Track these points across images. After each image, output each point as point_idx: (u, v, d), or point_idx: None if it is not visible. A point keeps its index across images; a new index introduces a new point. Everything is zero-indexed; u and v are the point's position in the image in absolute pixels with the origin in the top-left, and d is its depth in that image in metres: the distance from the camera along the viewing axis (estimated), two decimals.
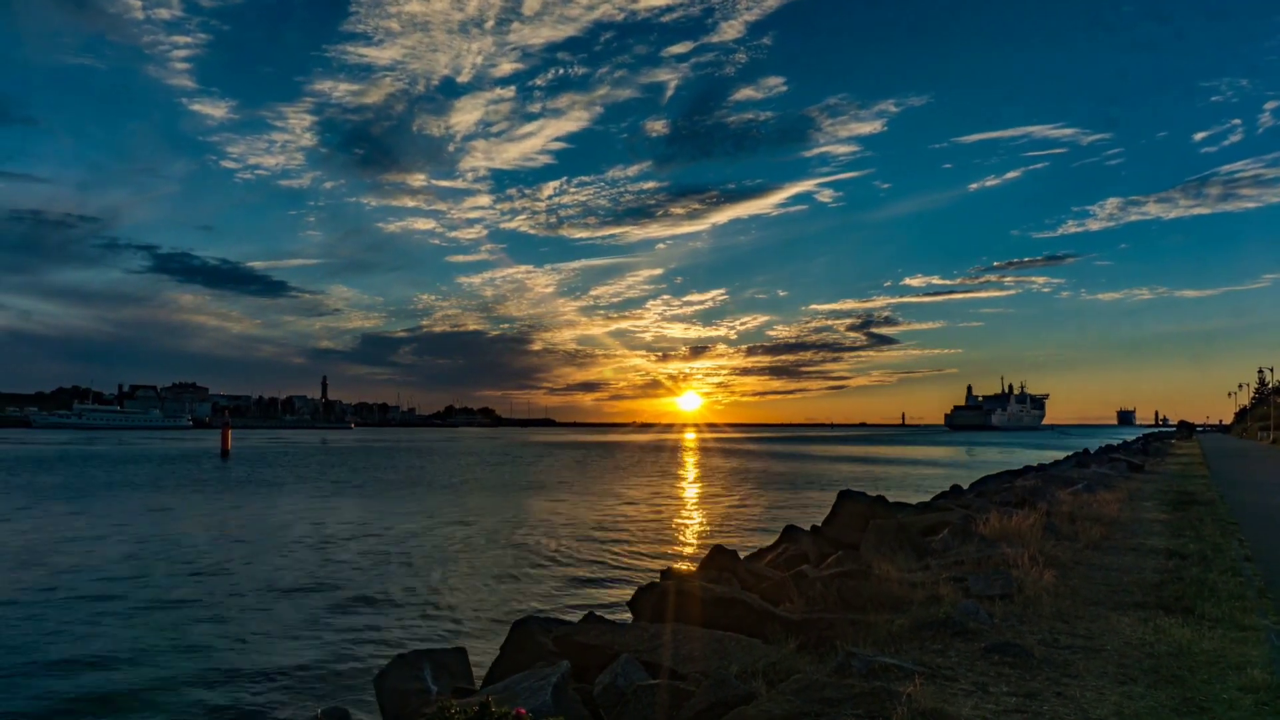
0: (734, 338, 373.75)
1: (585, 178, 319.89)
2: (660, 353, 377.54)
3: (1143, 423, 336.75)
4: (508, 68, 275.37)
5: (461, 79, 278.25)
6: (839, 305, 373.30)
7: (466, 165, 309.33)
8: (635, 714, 5.39)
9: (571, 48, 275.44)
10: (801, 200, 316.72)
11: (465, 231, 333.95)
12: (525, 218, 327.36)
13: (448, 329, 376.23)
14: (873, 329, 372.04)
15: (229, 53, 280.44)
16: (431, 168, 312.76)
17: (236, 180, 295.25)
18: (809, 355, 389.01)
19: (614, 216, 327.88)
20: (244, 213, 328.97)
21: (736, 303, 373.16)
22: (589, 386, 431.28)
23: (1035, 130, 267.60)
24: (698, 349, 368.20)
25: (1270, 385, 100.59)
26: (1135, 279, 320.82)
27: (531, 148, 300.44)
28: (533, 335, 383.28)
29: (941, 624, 6.99)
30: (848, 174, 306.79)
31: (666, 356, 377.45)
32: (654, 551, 22.48)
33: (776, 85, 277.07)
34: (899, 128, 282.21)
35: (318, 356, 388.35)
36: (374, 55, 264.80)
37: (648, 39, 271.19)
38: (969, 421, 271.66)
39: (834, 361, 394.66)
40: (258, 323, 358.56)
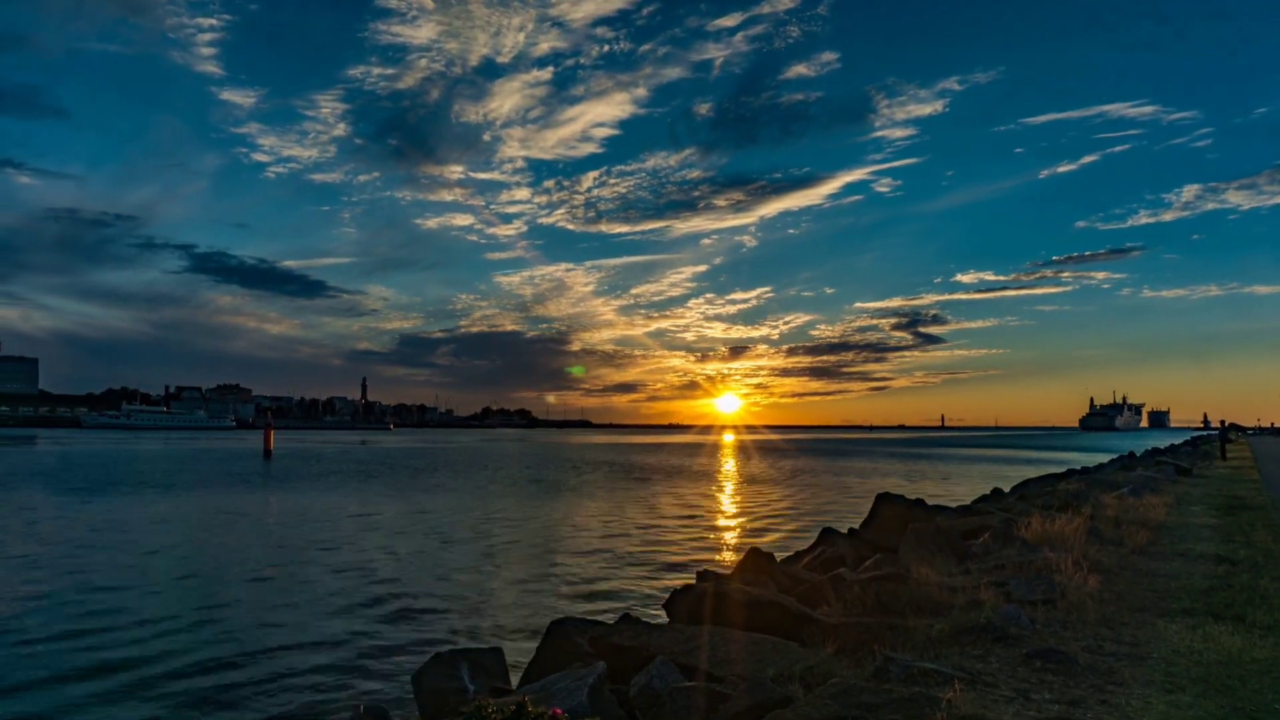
0: (775, 338, 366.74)
1: (626, 166, 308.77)
2: (699, 353, 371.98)
3: (1181, 424, 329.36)
4: (548, 45, 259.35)
5: (501, 59, 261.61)
6: (886, 303, 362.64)
7: (505, 154, 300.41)
8: (671, 716, 5.38)
9: (616, 23, 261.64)
10: (853, 190, 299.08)
11: (503, 228, 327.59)
12: (564, 211, 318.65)
13: (485, 329, 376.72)
14: (920, 328, 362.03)
15: (255, 34, 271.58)
16: (469, 158, 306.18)
17: (268, 175, 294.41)
18: (850, 356, 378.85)
19: (655, 210, 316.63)
20: (277, 209, 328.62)
21: (780, 301, 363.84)
22: (626, 388, 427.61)
23: (1111, 109, 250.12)
24: (737, 349, 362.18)
25: None
26: (1205, 274, 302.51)
27: (572, 134, 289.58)
28: (570, 336, 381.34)
29: (982, 629, 6.89)
30: (903, 161, 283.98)
31: (705, 357, 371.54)
32: (689, 553, 22.44)
33: (830, 62, 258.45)
34: (961, 108, 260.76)
35: (357, 358, 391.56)
36: (408, 35, 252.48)
37: (697, 8, 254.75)
38: (1098, 425, 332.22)
39: (876, 362, 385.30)
40: (296, 323, 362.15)
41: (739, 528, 28.66)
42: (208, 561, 20.35)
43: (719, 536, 26.26)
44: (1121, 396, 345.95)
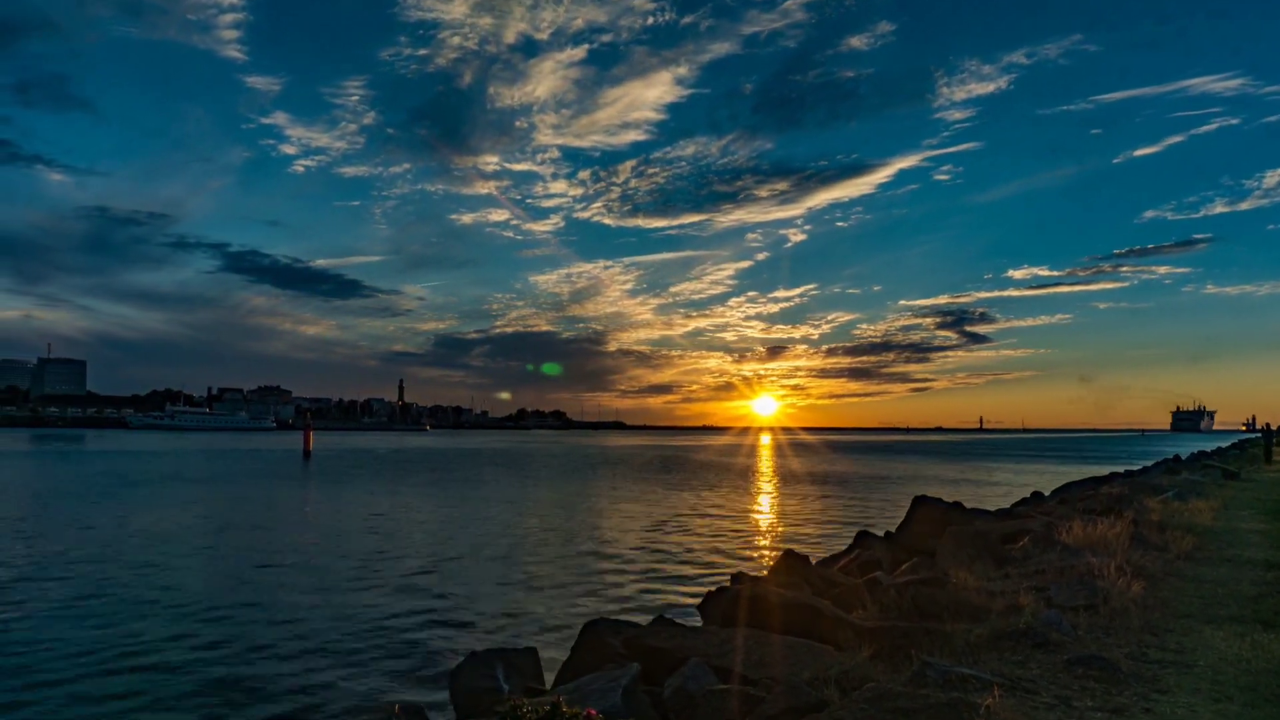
0: (815, 337, 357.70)
1: (666, 154, 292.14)
2: (737, 353, 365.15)
3: (1224, 428, 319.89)
4: (587, 19, 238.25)
5: (539, 35, 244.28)
6: (933, 301, 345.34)
7: (540, 142, 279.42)
8: (705, 718, 5.37)
9: None
10: (906, 179, 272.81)
11: (539, 224, 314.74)
12: (601, 205, 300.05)
13: (520, 329, 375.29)
14: (966, 327, 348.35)
15: (279, 14, 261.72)
16: (504, 147, 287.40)
17: (297, 168, 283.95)
18: (891, 356, 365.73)
19: (695, 202, 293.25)
20: (307, 204, 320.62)
21: (823, 299, 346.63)
22: (661, 389, 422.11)
23: (1194, 84, 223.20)
24: (775, 349, 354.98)
25: None
26: (1274, 268, 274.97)
27: (610, 120, 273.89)
28: (606, 336, 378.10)
29: (1022, 634, 6.77)
30: (961, 146, 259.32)
31: (743, 357, 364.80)
32: (724, 555, 22.37)
33: (886, 34, 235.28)
34: (1028, 85, 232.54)
35: (392, 359, 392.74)
36: (439, 10, 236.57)
37: None
38: (1187, 426, 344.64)
39: (919, 363, 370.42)
40: (332, 323, 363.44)
41: (773, 530, 28.52)
42: (243, 557, 20.68)
43: (753, 538, 26.14)
44: (1199, 404, 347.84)
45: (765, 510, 35.42)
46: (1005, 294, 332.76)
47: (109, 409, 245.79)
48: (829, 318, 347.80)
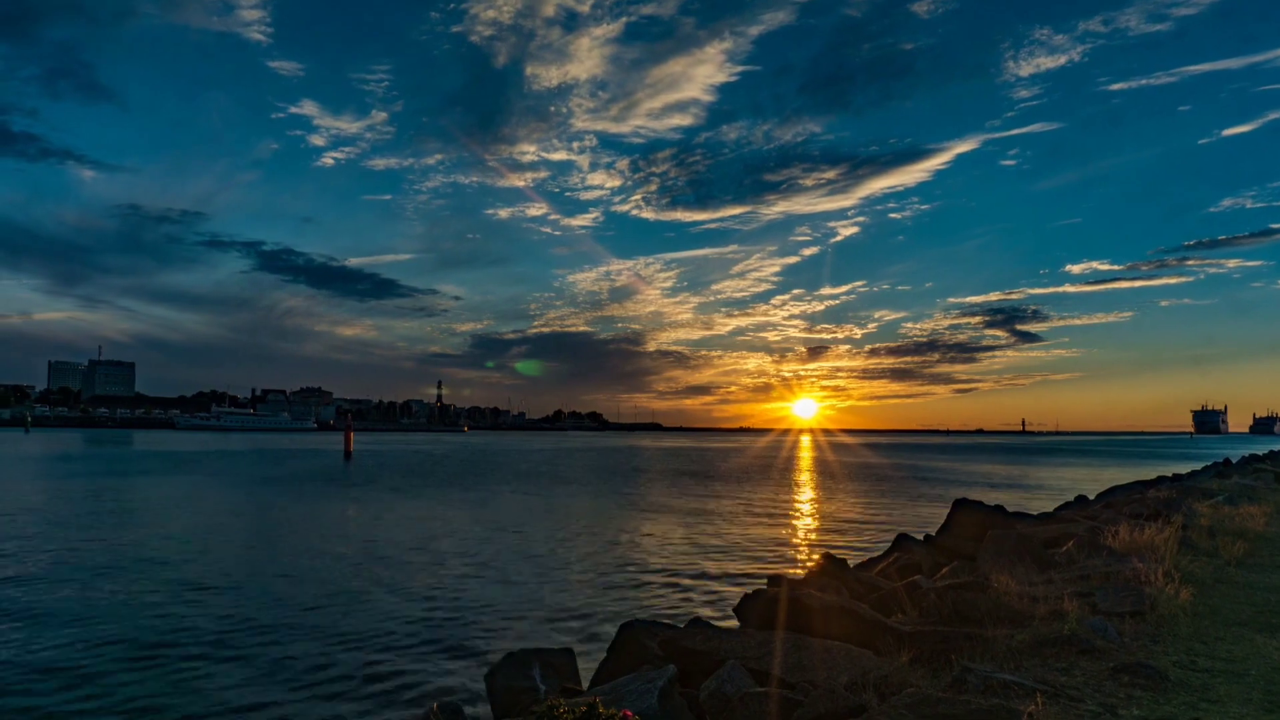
0: (858, 337, 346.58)
1: (708, 139, 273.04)
2: (778, 354, 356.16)
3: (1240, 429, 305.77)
4: None
5: (580, 7, 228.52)
6: (984, 298, 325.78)
7: (579, 127, 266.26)
8: None
9: None
10: (965, 165, 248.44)
11: (577, 219, 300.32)
12: (640, 197, 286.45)
13: (558, 329, 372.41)
14: (1017, 325, 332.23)
15: None
16: (541, 134, 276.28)
17: (326, 162, 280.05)
18: (936, 356, 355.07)
19: (737, 193, 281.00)
20: (337, 199, 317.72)
21: (870, 297, 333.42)
22: (699, 390, 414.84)
23: None
24: (816, 349, 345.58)
25: None
26: None
27: (652, 102, 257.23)
28: (644, 336, 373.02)
29: (1066, 641, 6.65)
30: (1027, 127, 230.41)
31: (783, 358, 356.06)
32: (761, 557, 22.26)
33: None
34: (1104, 56, 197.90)
35: (430, 360, 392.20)
36: None
37: None
38: (1266, 430, 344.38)
39: (965, 363, 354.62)
40: (369, 323, 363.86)
41: (811, 532, 28.32)
42: (280, 555, 21.02)
43: (790, 541, 25.98)
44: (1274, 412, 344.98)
45: (802, 512, 35.19)
46: (1061, 290, 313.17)
47: (156, 410, 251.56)
48: (875, 315, 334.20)
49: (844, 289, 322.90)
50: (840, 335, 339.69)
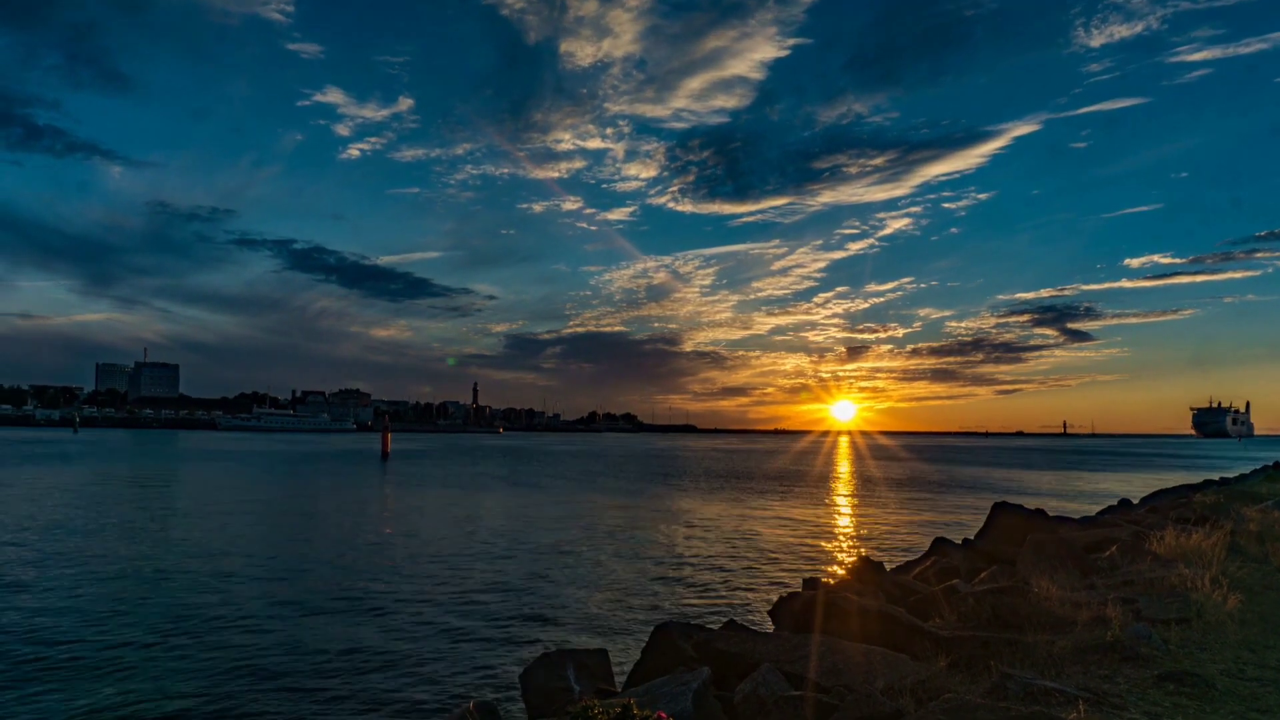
0: (900, 336, 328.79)
1: (749, 122, 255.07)
2: (817, 354, 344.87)
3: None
4: None
5: None
6: (1035, 295, 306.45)
7: (615, 111, 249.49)
8: None
9: None
10: (1025, 149, 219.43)
11: (612, 213, 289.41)
12: (678, 188, 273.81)
13: (593, 329, 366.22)
14: (1068, 324, 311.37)
15: None
16: (575, 120, 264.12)
17: (351, 153, 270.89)
18: (980, 357, 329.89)
19: (779, 183, 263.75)
20: (364, 194, 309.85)
21: (916, 295, 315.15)
22: (734, 391, 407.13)
23: None
24: (855, 349, 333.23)
25: None
26: None
27: (690, 82, 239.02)
28: (681, 336, 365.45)
29: (1108, 647, 6.53)
30: (1096, 105, 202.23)
31: (822, 358, 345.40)
32: (796, 560, 22.12)
33: None
34: (1187, 22, 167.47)
35: (465, 361, 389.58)
36: None
37: None
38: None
39: (1011, 363, 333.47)
40: (402, 323, 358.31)
41: (847, 534, 28.08)
42: (316, 554, 21.30)
43: (825, 543, 25.79)
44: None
45: (838, 515, 34.91)
46: (1117, 285, 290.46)
47: (199, 411, 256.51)
48: (919, 314, 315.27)
49: (890, 285, 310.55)
50: (883, 335, 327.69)
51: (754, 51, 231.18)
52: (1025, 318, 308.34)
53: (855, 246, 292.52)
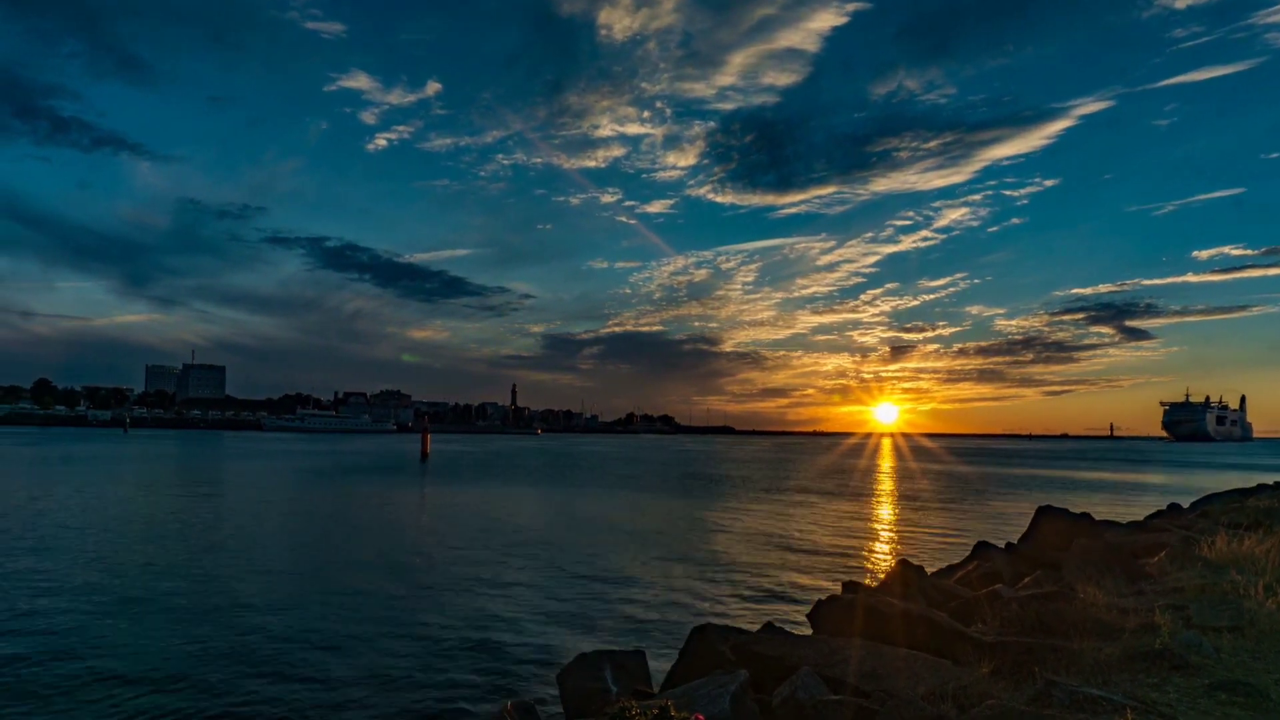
0: (948, 335, 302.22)
1: (796, 104, 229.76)
2: (859, 354, 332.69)
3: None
4: None
5: None
6: (1093, 290, 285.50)
7: (655, 90, 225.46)
8: None
9: None
10: (1093, 129, 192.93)
11: (652, 205, 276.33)
12: (719, 178, 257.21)
13: (631, 328, 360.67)
14: (1126, 321, 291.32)
15: None
16: (612, 100, 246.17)
17: (379, 143, 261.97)
18: (1029, 356, 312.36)
19: (824, 172, 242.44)
20: (393, 186, 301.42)
21: (968, 292, 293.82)
22: (774, 393, 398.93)
23: None
24: (899, 349, 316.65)
25: None
26: None
27: (735, 60, 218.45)
28: (721, 336, 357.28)
29: (1157, 655, 6.38)
30: (1178, 77, 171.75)
31: (865, 358, 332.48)
32: (835, 562, 21.94)
33: None
34: None
35: (502, 363, 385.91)
36: None
37: None
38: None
39: (1062, 363, 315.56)
40: (438, 324, 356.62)
41: (886, 537, 27.78)
42: (356, 553, 21.58)
43: (865, 546, 25.54)
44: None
45: (878, 517, 34.55)
46: (1181, 280, 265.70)
47: (245, 412, 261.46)
48: (969, 311, 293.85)
49: (943, 281, 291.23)
50: (930, 334, 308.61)
51: (809, 20, 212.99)
52: (1080, 315, 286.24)
53: (908, 240, 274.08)
